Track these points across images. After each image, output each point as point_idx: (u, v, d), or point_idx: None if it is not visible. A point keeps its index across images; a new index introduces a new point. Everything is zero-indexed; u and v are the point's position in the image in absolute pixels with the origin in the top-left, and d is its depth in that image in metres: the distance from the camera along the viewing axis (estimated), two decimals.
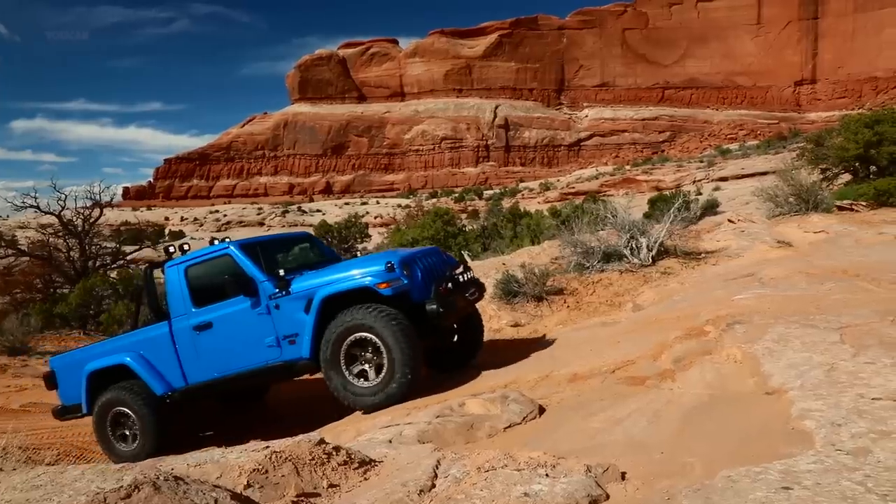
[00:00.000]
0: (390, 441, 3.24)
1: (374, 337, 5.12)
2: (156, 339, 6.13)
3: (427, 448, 2.55)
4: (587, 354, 5.27)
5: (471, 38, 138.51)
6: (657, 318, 5.85)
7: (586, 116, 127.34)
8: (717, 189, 40.51)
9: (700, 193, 36.05)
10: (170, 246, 6.47)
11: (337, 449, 2.39)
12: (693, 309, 5.62)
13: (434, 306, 5.32)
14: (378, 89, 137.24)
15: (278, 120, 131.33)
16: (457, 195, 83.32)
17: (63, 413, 6.70)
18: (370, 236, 43.72)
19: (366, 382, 5.17)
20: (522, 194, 73.89)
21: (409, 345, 5.03)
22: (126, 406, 6.10)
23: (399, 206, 75.60)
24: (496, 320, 8.09)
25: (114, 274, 20.07)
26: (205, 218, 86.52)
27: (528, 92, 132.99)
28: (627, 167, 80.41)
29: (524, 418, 3.65)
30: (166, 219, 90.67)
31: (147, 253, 26.20)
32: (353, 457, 2.37)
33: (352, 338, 5.19)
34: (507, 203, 66.75)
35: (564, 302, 8.44)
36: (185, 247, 6.47)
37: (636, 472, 2.34)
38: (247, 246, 6.04)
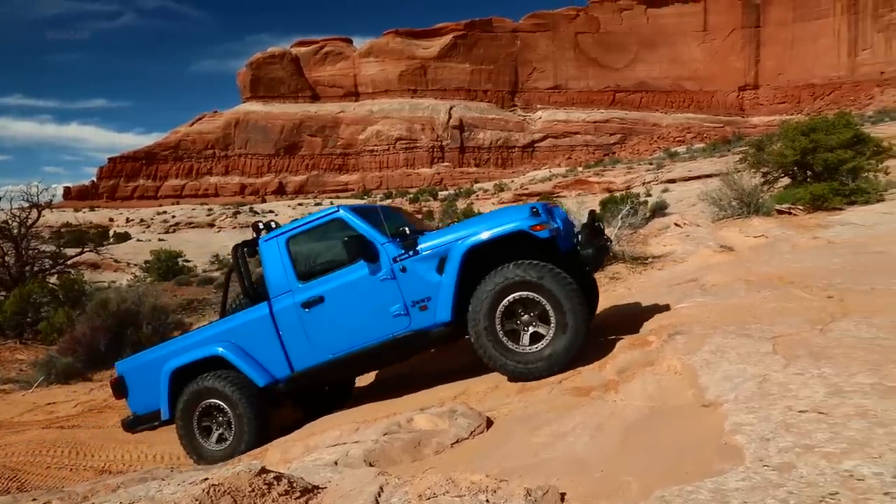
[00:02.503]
0: (336, 463, 3.22)
1: (538, 296, 4.60)
2: (253, 323, 5.48)
3: (371, 473, 2.54)
4: None
5: (425, 38, 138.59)
6: (604, 326, 5.97)
7: (540, 118, 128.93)
8: (665, 191, 41.53)
9: (650, 195, 36.94)
10: (259, 223, 5.90)
11: (279, 478, 2.36)
12: (639, 316, 5.76)
13: (590, 251, 4.99)
14: (332, 89, 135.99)
15: (229, 119, 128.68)
16: (412, 196, 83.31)
17: (135, 424, 5.94)
18: None
19: (529, 347, 4.66)
20: (477, 195, 74.29)
21: (581, 304, 4.59)
22: (221, 399, 5.41)
23: None
24: None
25: (53, 279, 19.31)
26: (152, 219, 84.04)
27: (482, 93, 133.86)
28: (580, 169, 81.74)
29: (471, 433, 3.69)
30: (111, 220, 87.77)
31: (90, 256, 25.25)
32: (294, 485, 2.35)
33: (511, 297, 4.65)
34: (461, 204, 66.98)
35: None
36: (273, 224, 5.87)
37: (576, 492, 2.39)
38: (356, 210, 5.49)
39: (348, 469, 2.88)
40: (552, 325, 4.61)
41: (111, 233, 67.46)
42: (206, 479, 2.27)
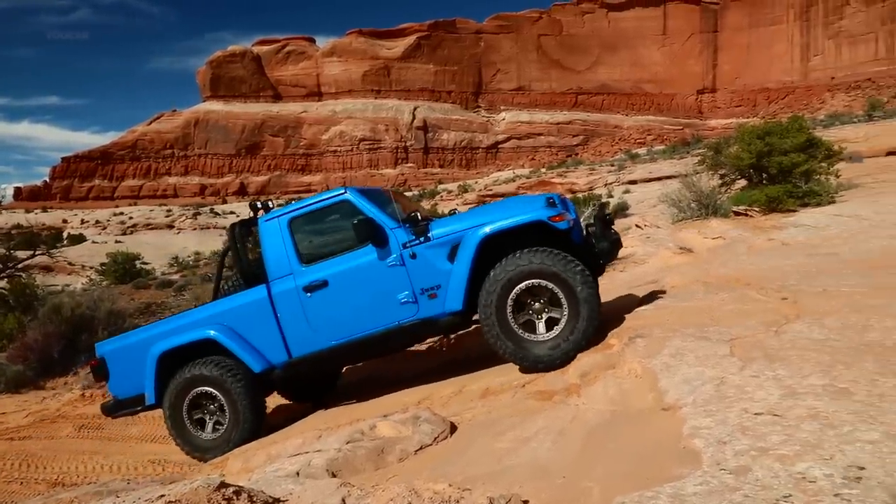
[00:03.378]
0: (298, 473, 3.18)
1: (552, 284, 4.55)
2: (250, 306, 5.26)
3: (333, 484, 2.52)
4: (499, 367, 5.36)
5: (389, 39, 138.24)
6: None
7: (503, 119, 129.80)
8: (627, 192, 42.25)
9: (611, 196, 37.53)
10: (257, 202, 5.69)
11: (238, 492, 2.31)
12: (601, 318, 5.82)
13: (605, 244, 4.94)
14: (294, 88, 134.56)
15: (188, 118, 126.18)
16: None
17: (117, 409, 5.70)
18: None
19: (541, 336, 4.61)
20: (441, 196, 74.46)
21: (596, 293, 4.59)
22: (214, 386, 5.19)
23: None
24: None
25: (3, 283, 18.65)
26: (108, 220, 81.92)
27: (446, 94, 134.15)
28: (543, 170, 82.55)
29: (435, 439, 3.68)
30: (64, 221, 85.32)
31: (42, 259, 24.47)
32: (255, 499, 2.31)
33: (523, 285, 4.58)
34: (426, 205, 67.02)
35: None
36: (270, 204, 5.67)
37: (538, 499, 2.40)
38: (364, 191, 5.34)
39: (310, 481, 2.85)
40: (565, 313, 4.58)
41: (65, 234, 65.52)
42: (163, 495, 2.21)
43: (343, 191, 5.27)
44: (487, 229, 4.74)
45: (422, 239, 4.97)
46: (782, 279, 6.02)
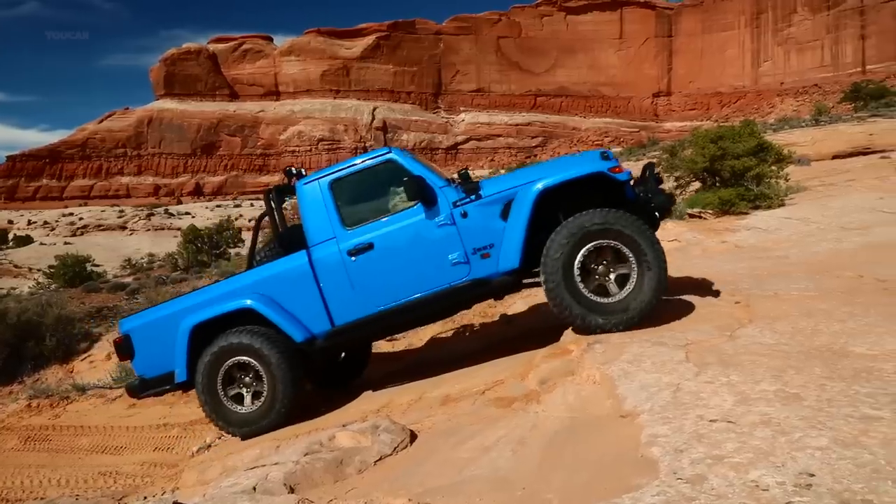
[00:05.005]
0: (254, 488, 3.10)
1: (619, 243, 4.45)
2: (289, 273, 5.00)
3: (291, 500, 2.46)
4: (460, 372, 5.35)
5: (348, 38, 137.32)
6: (527, 333, 6.05)
7: (463, 121, 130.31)
8: None
9: None
10: (291, 167, 5.42)
11: None
12: (560, 324, 5.87)
13: (662, 198, 4.85)
14: (251, 87, 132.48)
15: (142, 116, 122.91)
16: None
17: (143, 389, 5.30)
18: (244, 241, 42.12)
19: (609, 298, 4.49)
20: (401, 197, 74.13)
21: (662, 250, 4.53)
22: (253, 356, 4.87)
23: None
24: None
25: None
26: (57, 221, 79.22)
27: (405, 95, 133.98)
28: (502, 171, 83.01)
29: (395, 449, 3.64)
30: (10, 222, 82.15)
31: None
32: None
33: (591, 245, 4.46)
34: None
35: None
36: (304, 171, 5.42)
37: None
38: (407, 152, 5.21)
39: (267, 497, 2.78)
40: (635, 273, 4.51)
41: (10, 236, 63.04)
42: None
43: (387, 150, 5.14)
44: (543, 184, 4.63)
45: (473, 197, 4.85)
46: (736, 282, 6.17)
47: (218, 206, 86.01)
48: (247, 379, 5.01)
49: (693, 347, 4.04)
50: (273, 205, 5.64)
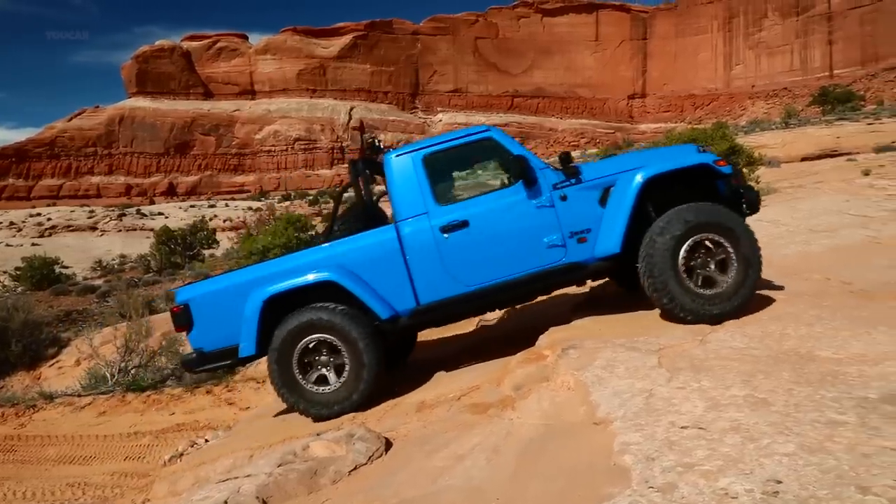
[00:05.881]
0: (226, 502, 3.06)
1: (718, 235, 4.54)
2: (375, 247, 4.83)
3: None
4: (436, 377, 5.34)
5: (325, 37, 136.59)
6: (499, 337, 6.07)
7: (440, 121, 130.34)
8: None
9: None
10: (372, 137, 5.28)
11: None
12: (534, 329, 5.89)
13: (753, 195, 4.91)
14: (226, 86, 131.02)
15: (113, 114, 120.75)
16: (311, 198, 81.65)
17: (201, 363, 4.95)
18: (218, 242, 41.61)
19: (713, 290, 4.55)
20: (378, 197, 73.89)
21: (759, 249, 4.63)
22: (335, 333, 4.62)
23: (250, 209, 72.78)
24: None
25: None
26: (24, 221, 77.37)
27: (383, 95, 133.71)
28: (479, 171, 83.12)
29: (370, 458, 3.62)
30: None
31: None
32: None
33: (698, 237, 4.52)
34: None
35: None
36: (378, 142, 5.37)
37: None
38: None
39: None
40: (734, 267, 4.57)
41: None
42: None
43: (486, 128, 5.08)
44: (650, 172, 4.66)
45: (573, 180, 4.84)
46: None
47: (192, 206, 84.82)
48: (322, 358, 4.80)
49: (666, 352, 4.08)
50: (360, 176, 5.46)
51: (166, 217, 72.34)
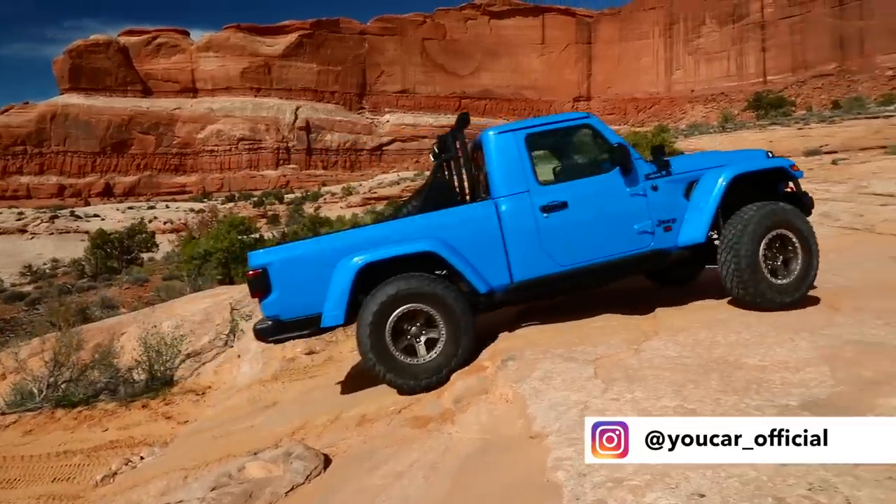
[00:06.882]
0: None
1: (789, 232, 4.95)
2: (474, 221, 4.87)
3: None
4: (377, 389, 5.30)
5: (270, 35, 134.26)
6: None
7: (388, 122, 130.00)
8: None
9: None
10: (466, 112, 5.31)
11: None
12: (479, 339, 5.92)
13: (809, 198, 5.37)
14: (166, 83, 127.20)
15: (44, 111, 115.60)
16: (256, 199, 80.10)
17: (279, 331, 4.72)
18: (158, 245, 40.34)
19: (782, 280, 4.91)
20: (325, 198, 73.24)
21: (817, 245, 5.03)
22: (432, 304, 4.56)
23: (192, 210, 70.86)
24: (290, 349, 7.87)
25: None
26: None
27: (329, 94, 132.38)
28: (427, 173, 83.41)
29: (307, 477, 3.58)
30: None
31: None
32: None
33: (774, 232, 4.90)
34: (309, 208, 65.58)
35: None
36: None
37: None
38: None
39: None
40: (799, 262, 4.96)
41: None
42: None
43: (586, 115, 5.32)
44: (736, 171, 5.03)
45: (664, 172, 5.16)
46: (644, 293, 6.41)
47: (130, 207, 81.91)
48: (413, 329, 4.71)
49: (602, 362, 4.16)
50: (463, 149, 5.41)
51: (102, 219, 69.73)
